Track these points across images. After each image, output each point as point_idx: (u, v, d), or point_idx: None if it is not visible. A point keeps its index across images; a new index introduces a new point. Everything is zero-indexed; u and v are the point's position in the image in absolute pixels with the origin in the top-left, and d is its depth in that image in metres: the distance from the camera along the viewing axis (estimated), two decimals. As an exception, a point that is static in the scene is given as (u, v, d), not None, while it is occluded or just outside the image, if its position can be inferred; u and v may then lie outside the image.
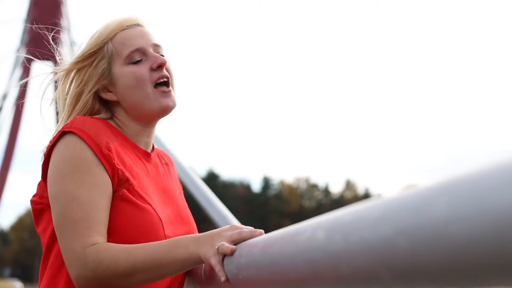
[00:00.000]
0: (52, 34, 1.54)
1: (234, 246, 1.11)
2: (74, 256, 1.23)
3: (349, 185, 62.03)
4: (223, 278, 1.10)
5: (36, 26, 1.52)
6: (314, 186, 62.54)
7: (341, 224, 0.65)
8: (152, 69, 1.41)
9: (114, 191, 1.32)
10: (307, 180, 62.64)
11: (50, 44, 1.53)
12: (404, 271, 0.54)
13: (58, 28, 1.57)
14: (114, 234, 1.30)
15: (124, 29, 1.43)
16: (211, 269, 1.19)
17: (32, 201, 1.41)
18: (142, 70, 1.40)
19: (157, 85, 1.42)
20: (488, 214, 0.43)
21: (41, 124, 1.52)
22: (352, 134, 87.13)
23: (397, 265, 0.54)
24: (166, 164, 1.57)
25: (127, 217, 1.31)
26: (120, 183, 1.32)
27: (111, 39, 1.42)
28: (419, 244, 0.50)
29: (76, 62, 1.43)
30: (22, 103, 2.75)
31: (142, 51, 1.42)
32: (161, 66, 1.41)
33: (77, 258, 1.23)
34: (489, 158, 0.47)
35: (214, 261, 1.14)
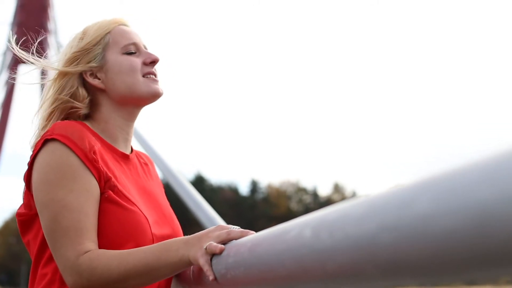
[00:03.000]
0: (39, 37, 1.55)
1: (222, 246, 1.13)
2: (68, 264, 1.25)
3: (337, 188, 62.09)
4: (211, 277, 1.11)
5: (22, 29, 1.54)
6: (302, 190, 62.53)
7: (327, 222, 0.66)
8: (145, 64, 1.48)
9: (101, 193, 1.32)
10: (295, 184, 62.65)
11: (36, 47, 1.54)
12: (389, 266, 0.55)
13: (45, 31, 1.58)
14: (102, 236, 1.30)
15: (121, 25, 1.51)
16: (200, 269, 1.20)
17: (18, 214, 1.40)
18: (137, 61, 1.48)
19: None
20: (469, 209, 0.44)
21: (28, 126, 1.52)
22: (340, 137, 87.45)
23: (382, 260, 0.55)
24: (146, 164, 1.58)
25: (114, 218, 1.32)
26: (106, 185, 1.33)
27: (111, 31, 1.48)
28: (403, 239, 0.51)
29: (75, 52, 1.46)
30: (8, 107, 2.75)
31: (137, 46, 1.50)
32: (153, 62, 1.49)
33: (71, 266, 1.24)
34: (470, 156, 0.48)
35: (202, 261, 1.15)
